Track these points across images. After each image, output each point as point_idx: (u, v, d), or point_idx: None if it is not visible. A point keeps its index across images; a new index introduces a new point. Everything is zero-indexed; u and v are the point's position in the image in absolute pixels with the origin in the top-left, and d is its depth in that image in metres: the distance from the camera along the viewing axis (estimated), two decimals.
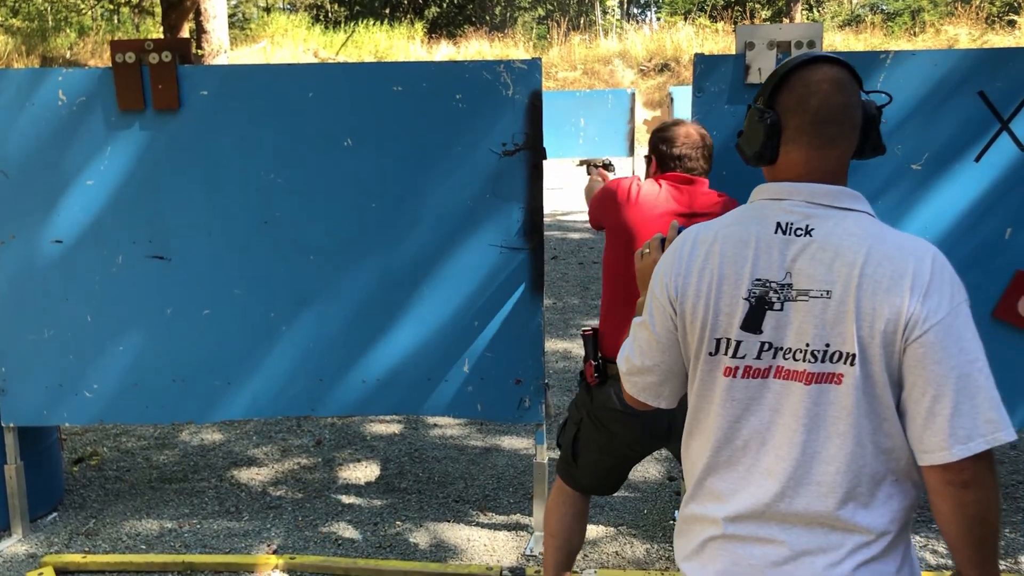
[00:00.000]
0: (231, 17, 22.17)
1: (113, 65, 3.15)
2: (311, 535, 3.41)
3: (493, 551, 3.28)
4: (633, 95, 15.01)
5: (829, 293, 1.38)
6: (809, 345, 1.40)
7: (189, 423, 4.49)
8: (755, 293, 1.43)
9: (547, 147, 3.19)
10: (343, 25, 25.61)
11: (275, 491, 3.82)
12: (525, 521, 3.49)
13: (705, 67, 3.02)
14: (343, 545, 3.33)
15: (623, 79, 22.12)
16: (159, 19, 16.37)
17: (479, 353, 3.26)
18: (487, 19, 30.04)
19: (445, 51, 23.98)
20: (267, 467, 4.08)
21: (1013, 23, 20.57)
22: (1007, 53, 2.92)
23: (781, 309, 1.42)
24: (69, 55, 21.01)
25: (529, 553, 3.24)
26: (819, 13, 26.09)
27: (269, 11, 26.81)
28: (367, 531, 3.44)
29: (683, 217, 2.48)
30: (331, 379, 3.33)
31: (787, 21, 21.99)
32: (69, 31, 22.69)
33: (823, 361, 1.39)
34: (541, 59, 3.16)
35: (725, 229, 1.49)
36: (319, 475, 3.98)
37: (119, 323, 3.32)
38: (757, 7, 25.50)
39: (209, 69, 3.23)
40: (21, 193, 3.25)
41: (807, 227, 1.42)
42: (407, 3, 28.26)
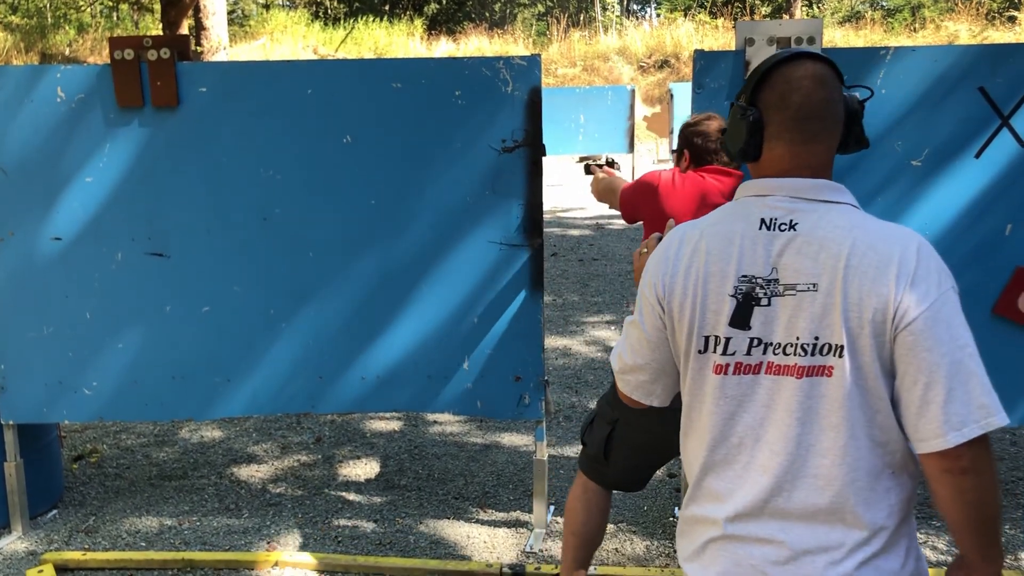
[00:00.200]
0: (230, 14, 22.15)
1: (112, 62, 3.14)
2: (311, 532, 3.41)
3: (493, 548, 3.29)
4: (633, 91, 15.01)
5: (816, 286, 1.39)
6: (799, 339, 1.40)
7: (189, 420, 4.50)
8: (741, 290, 1.43)
9: (547, 144, 3.19)
10: (342, 22, 25.59)
11: (275, 488, 3.82)
12: (525, 518, 3.49)
13: (705, 63, 3.01)
14: (343, 542, 3.33)
15: (623, 75, 22.11)
16: (158, 16, 16.35)
17: (479, 350, 3.26)
18: (487, 16, 30.02)
19: (445, 48, 23.96)
20: (267, 464, 4.08)
21: (1013, 19, 20.56)
22: (1007, 49, 2.92)
23: (768, 304, 1.42)
24: (68, 52, 21.00)
25: (529, 550, 3.25)
26: (819, 9, 26.06)
27: (268, 8, 26.79)
28: (367, 528, 3.44)
29: None
30: (331, 376, 3.33)
31: (787, 17, 21.97)
32: (68, 28, 22.68)
33: (813, 354, 1.39)
34: (540, 55, 3.15)
35: (711, 227, 1.50)
36: (319, 472, 3.98)
37: (118, 320, 3.32)
38: (757, 3, 25.47)
39: (208, 66, 3.23)
40: (20, 190, 3.25)
41: (791, 222, 1.42)
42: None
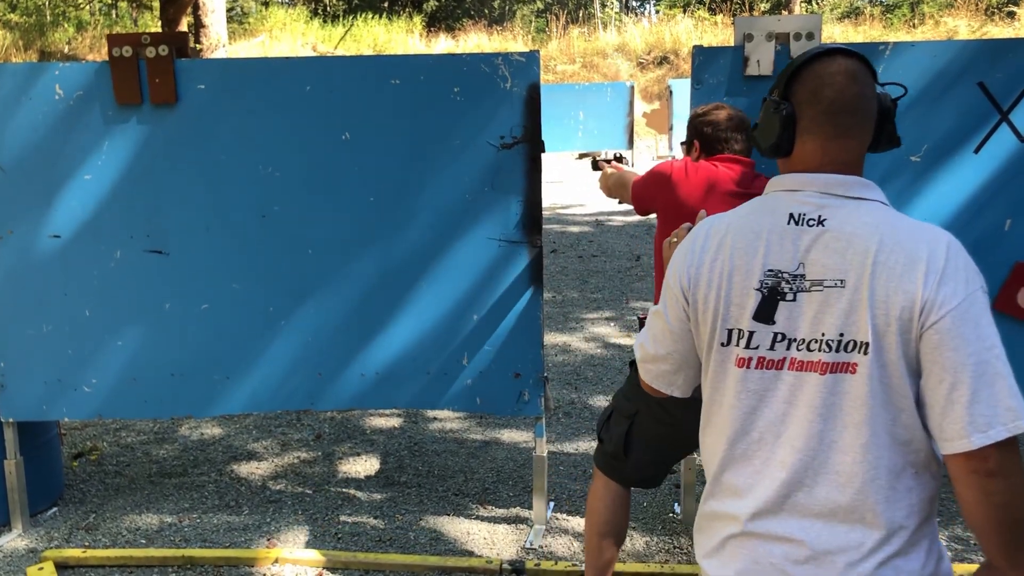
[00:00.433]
0: (229, 11, 22.13)
1: (110, 59, 3.14)
2: (311, 529, 3.41)
3: (493, 544, 3.29)
4: (632, 88, 15.00)
5: (843, 282, 1.38)
6: (824, 335, 1.39)
7: (188, 418, 4.50)
8: (767, 284, 1.43)
9: (546, 140, 3.18)
10: (342, 19, 25.56)
11: (275, 485, 3.82)
12: (525, 514, 3.49)
13: (704, 59, 3.01)
14: (343, 539, 3.33)
15: (622, 72, 22.10)
16: (157, 13, 16.34)
17: (478, 347, 3.26)
18: (486, 12, 29.99)
19: (444, 45, 23.94)
20: (267, 461, 4.08)
21: (1012, 14, 20.54)
22: (1006, 44, 2.91)
23: (794, 299, 1.41)
24: (67, 50, 20.99)
25: (529, 546, 3.25)
26: (818, 5, 26.04)
27: (267, 5, 26.75)
28: (367, 525, 3.44)
29: (741, 197, 2.46)
30: (330, 373, 3.33)
31: (786, 13, 21.93)
32: (67, 26, 22.67)
33: (838, 351, 1.38)
34: (539, 52, 3.15)
35: (738, 220, 1.50)
36: (319, 469, 3.98)
37: (117, 318, 3.32)
38: None
39: (206, 63, 3.22)
40: (18, 188, 3.25)
41: (820, 217, 1.42)
42: None
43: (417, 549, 3.25)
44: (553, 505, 3.56)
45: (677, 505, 3.52)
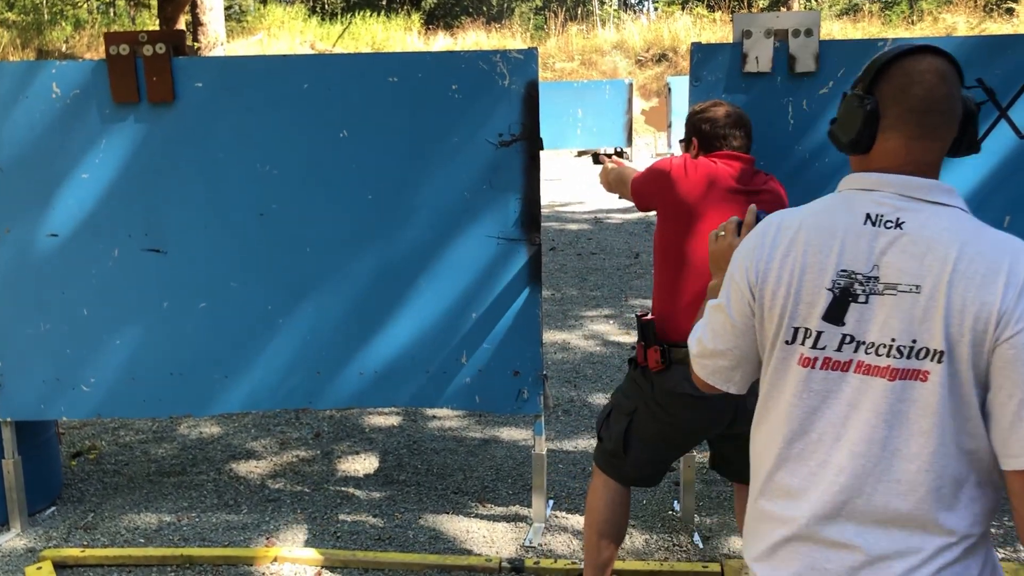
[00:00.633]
0: (227, 9, 22.10)
1: (107, 57, 3.13)
2: (310, 528, 3.41)
3: (492, 542, 3.29)
4: (631, 85, 15.00)
5: (919, 288, 1.35)
6: (895, 340, 1.36)
7: (187, 416, 4.49)
8: (839, 284, 1.40)
9: (545, 138, 3.18)
10: (340, 17, 25.55)
11: (274, 484, 3.82)
12: (524, 512, 3.49)
13: (702, 56, 3.00)
14: (342, 537, 3.33)
15: (620, 69, 22.09)
16: (155, 12, 16.32)
17: (477, 345, 3.25)
18: (484, 10, 29.96)
19: (442, 42, 23.93)
20: (266, 460, 4.08)
21: (1011, 11, 20.54)
22: (1005, 40, 2.91)
23: (866, 302, 1.38)
24: (65, 48, 20.97)
25: (528, 544, 3.25)
26: (816, 2, 26.01)
27: (266, 3, 26.72)
28: (366, 523, 3.44)
29: (741, 194, 2.46)
30: (329, 372, 3.32)
31: (784, 9, 21.92)
32: (65, 24, 22.65)
33: (909, 357, 1.35)
34: (537, 49, 3.14)
35: (811, 217, 1.46)
36: (318, 468, 3.98)
37: (116, 317, 3.31)
38: None
39: (204, 61, 3.22)
40: (16, 187, 3.24)
41: (898, 220, 1.38)
42: None
43: (416, 547, 3.25)
44: (552, 503, 3.56)
45: (676, 503, 3.51)
